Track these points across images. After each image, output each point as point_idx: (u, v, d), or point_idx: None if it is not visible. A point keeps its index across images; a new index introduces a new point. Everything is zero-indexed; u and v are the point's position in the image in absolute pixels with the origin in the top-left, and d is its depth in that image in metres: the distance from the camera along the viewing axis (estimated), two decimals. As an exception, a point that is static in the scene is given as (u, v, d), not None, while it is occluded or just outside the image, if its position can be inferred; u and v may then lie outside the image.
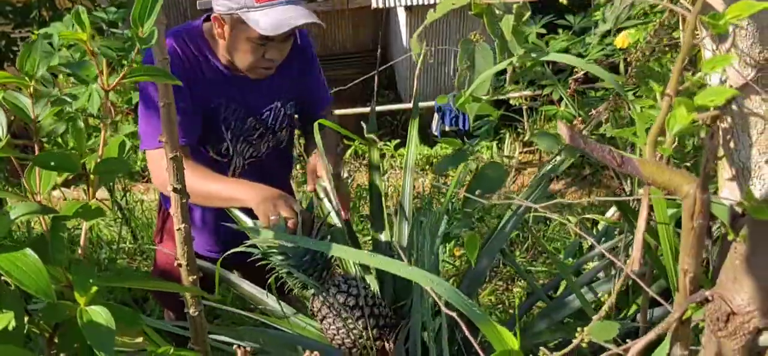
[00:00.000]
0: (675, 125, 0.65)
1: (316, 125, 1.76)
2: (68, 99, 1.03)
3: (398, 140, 5.46)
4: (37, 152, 0.92)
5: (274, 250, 1.59)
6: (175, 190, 1.13)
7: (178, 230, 1.15)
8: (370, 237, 1.97)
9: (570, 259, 2.81)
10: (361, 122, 2.01)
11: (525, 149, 5.65)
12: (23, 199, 0.90)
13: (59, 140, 2.90)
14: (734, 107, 1.19)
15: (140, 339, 0.92)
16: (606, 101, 2.35)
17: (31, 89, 0.90)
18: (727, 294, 0.69)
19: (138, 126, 1.84)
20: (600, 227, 3.02)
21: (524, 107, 5.42)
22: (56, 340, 0.84)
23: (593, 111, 2.14)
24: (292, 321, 1.86)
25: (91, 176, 0.85)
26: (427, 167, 5.48)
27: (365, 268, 1.89)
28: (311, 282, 1.62)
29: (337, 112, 2.26)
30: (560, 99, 3.55)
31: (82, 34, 0.85)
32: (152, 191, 4.51)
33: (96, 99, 2.82)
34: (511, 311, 3.22)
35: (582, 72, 2.30)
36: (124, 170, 0.90)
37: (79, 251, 0.87)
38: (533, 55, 0.95)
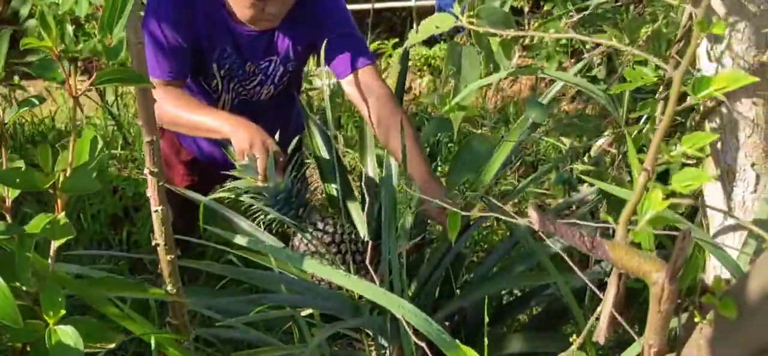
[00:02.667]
0: (648, 209, 0.63)
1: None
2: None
3: (396, 39, 5.34)
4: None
5: (248, 189, 1.61)
6: (151, 173, 1.11)
7: (154, 211, 1.14)
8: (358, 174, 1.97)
9: (561, 185, 2.81)
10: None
11: (524, 53, 5.55)
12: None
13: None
14: (724, 109, 1.16)
15: (114, 344, 0.93)
16: (608, 19, 2.28)
17: None
18: (689, 366, 0.70)
19: None
20: (592, 153, 3.01)
21: (526, 9, 5.29)
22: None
23: (585, 55, 2.08)
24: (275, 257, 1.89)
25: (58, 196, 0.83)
26: (425, 67, 5.39)
27: (348, 200, 1.90)
28: (288, 220, 1.64)
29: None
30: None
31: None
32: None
33: (84, 2, 2.74)
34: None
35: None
36: (94, 188, 0.87)
37: (49, 262, 0.86)
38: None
